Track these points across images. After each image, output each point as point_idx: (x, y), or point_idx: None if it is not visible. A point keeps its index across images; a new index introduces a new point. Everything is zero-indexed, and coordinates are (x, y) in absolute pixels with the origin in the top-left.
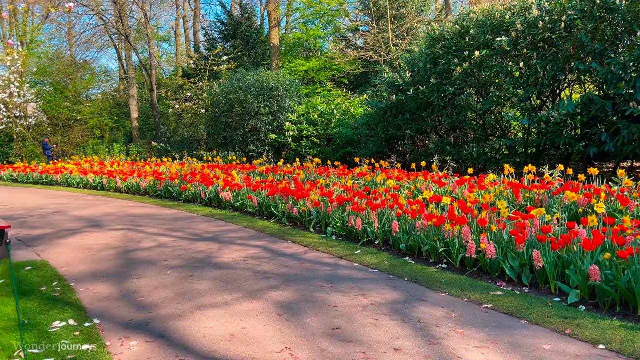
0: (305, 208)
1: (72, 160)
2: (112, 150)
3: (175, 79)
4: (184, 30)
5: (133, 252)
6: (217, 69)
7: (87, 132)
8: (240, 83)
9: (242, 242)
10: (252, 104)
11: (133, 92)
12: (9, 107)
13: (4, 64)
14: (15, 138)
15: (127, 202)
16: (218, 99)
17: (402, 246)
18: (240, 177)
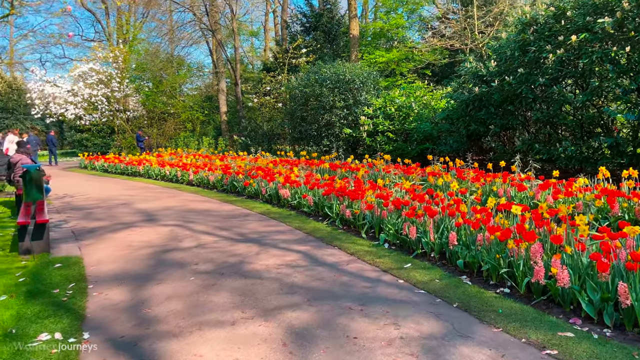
0: (359, 211)
1: (158, 151)
2: (201, 143)
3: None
4: (274, 25)
5: (169, 252)
6: (295, 62)
7: (179, 125)
8: (316, 76)
9: (285, 246)
10: (327, 98)
11: (222, 87)
12: (110, 101)
13: (106, 61)
14: (116, 130)
15: (193, 195)
16: (294, 93)
17: (459, 262)
18: (303, 173)
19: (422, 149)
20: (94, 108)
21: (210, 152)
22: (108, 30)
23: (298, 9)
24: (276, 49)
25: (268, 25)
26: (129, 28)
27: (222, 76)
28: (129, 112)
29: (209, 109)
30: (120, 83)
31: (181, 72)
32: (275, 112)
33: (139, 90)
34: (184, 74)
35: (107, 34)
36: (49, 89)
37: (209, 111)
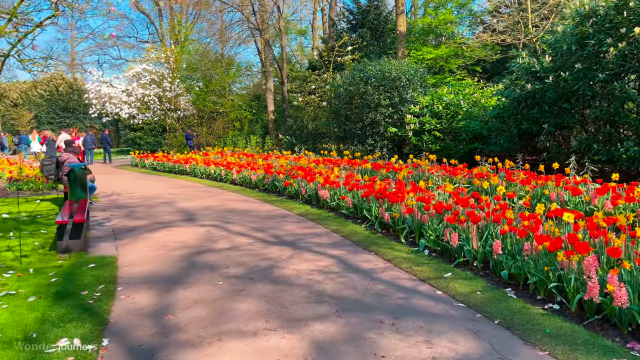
0: (398, 214)
1: (206, 150)
2: (249, 141)
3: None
4: (322, 23)
5: (202, 254)
6: (340, 60)
7: (228, 124)
8: (361, 74)
9: (319, 250)
10: (371, 96)
11: (270, 86)
12: (162, 100)
13: (159, 61)
14: (167, 129)
15: (235, 195)
16: (339, 91)
17: (504, 273)
18: (344, 173)
19: (470, 149)
20: (146, 107)
21: (256, 151)
22: (161, 32)
23: (345, 6)
24: (322, 47)
25: (316, 23)
26: (180, 29)
27: (269, 75)
28: (180, 111)
29: (257, 108)
30: (171, 83)
31: (230, 71)
32: (320, 111)
33: (190, 90)
34: (233, 73)
35: (160, 35)
36: (105, 89)
37: (257, 110)
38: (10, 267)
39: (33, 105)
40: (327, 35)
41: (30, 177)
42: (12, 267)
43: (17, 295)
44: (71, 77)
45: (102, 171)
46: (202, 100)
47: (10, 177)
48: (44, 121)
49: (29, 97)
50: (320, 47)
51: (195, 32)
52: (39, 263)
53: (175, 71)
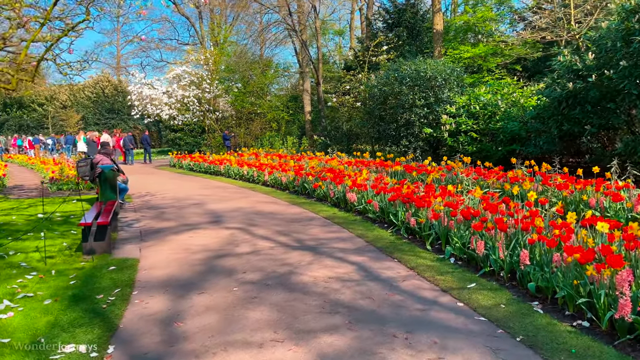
0: (424, 219)
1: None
2: (285, 142)
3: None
4: (360, 23)
5: (222, 258)
6: (375, 60)
7: (265, 125)
8: (396, 73)
9: (340, 256)
10: (406, 96)
11: (307, 86)
12: (201, 101)
13: (198, 63)
14: (207, 130)
15: (265, 196)
16: (373, 91)
17: (531, 285)
18: (374, 176)
19: (508, 151)
20: (186, 109)
21: (291, 152)
22: (201, 34)
23: (381, 5)
24: (357, 47)
25: (354, 23)
26: (219, 31)
27: (306, 76)
28: (218, 112)
29: (294, 109)
30: (210, 84)
31: (268, 72)
32: (354, 112)
33: (228, 91)
34: (271, 74)
35: (200, 38)
36: (147, 91)
37: (294, 111)
38: (35, 268)
39: (81, 107)
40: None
41: (71, 177)
42: (36, 269)
43: (34, 298)
44: (116, 79)
45: (140, 171)
46: (240, 102)
47: (52, 177)
48: (90, 122)
49: (77, 99)
50: (355, 47)
51: (234, 34)
52: (62, 264)
53: (214, 73)
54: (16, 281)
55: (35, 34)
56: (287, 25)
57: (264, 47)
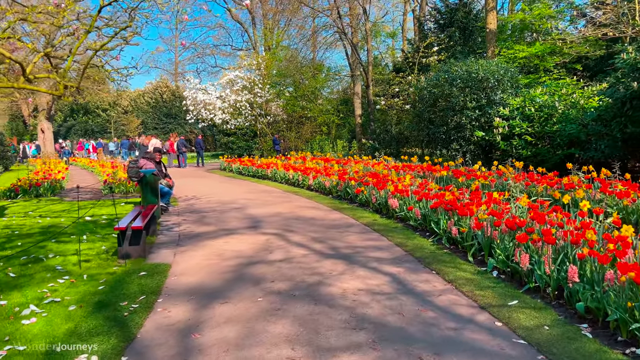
0: (466, 229)
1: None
2: (335, 146)
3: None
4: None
5: (253, 266)
6: (425, 61)
7: (315, 129)
8: (446, 75)
9: (375, 266)
10: (456, 98)
11: (358, 90)
12: (253, 106)
13: (250, 68)
14: (258, 134)
15: (307, 201)
16: (422, 94)
17: (579, 306)
18: (418, 181)
19: (566, 155)
20: (238, 113)
21: (338, 156)
22: (254, 39)
23: (432, 5)
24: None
25: (406, 25)
26: (271, 36)
27: (357, 79)
28: (270, 117)
29: (345, 112)
30: (262, 89)
31: (319, 76)
32: (404, 115)
33: (280, 95)
34: (322, 78)
35: (253, 43)
36: (201, 96)
37: (345, 114)
38: (69, 272)
39: (140, 112)
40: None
41: (122, 180)
42: (70, 272)
43: (61, 303)
44: (174, 85)
45: (192, 175)
46: (291, 106)
47: (105, 180)
48: (149, 127)
49: (138, 104)
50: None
51: (286, 38)
52: (96, 269)
53: (266, 77)
54: (47, 285)
55: (80, 42)
56: (338, 29)
57: (315, 51)
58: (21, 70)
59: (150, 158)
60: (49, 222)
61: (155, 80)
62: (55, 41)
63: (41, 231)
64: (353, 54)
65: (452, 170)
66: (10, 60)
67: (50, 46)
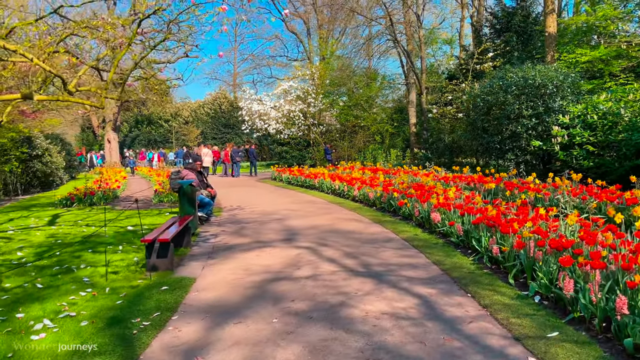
0: (507, 248)
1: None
2: (388, 155)
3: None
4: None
5: (277, 282)
6: (480, 68)
7: (368, 138)
8: (501, 81)
9: (405, 286)
10: (511, 105)
11: (412, 98)
12: (306, 115)
13: (304, 78)
14: (311, 143)
15: (349, 213)
16: (476, 101)
17: (627, 342)
18: (466, 193)
19: (632, 167)
20: (292, 123)
21: (389, 166)
22: (309, 49)
23: (488, 9)
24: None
25: (463, 31)
26: (325, 45)
27: (412, 87)
28: (323, 126)
29: (399, 121)
30: (315, 98)
31: (373, 85)
32: (457, 123)
33: (333, 105)
34: (376, 87)
35: (307, 53)
36: (256, 107)
37: (399, 123)
38: (94, 284)
39: (200, 122)
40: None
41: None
42: (95, 285)
43: (75, 318)
44: (232, 96)
45: (242, 184)
46: (344, 115)
47: (156, 189)
48: (208, 136)
49: (198, 115)
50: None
51: (341, 47)
52: (121, 282)
53: (319, 87)
54: (69, 298)
55: (121, 54)
56: (390, 36)
57: (370, 59)
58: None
59: (191, 168)
60: (92, 231)
61: (214, 92)
62: (100, 54)
63: (82, 240)
64: (407, 61)
65: (504, 182)
66: (50, 73)
67: (95, 60)
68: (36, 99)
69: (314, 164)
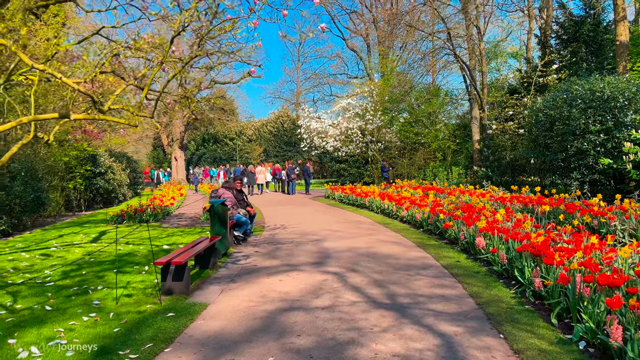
0: (550, 282)
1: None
2: (450, 173)
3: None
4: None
5: (289, 312)
6: (543, 81)
7: (429, 155)
8: (565, 94)
9: (430, 323)
10: (576, 120)
11: (475, 114)
12: (364, 133)
13: (363, 95)
14: (370, 161)
15: (393, 235)
16: (537, 116)
17: None
18: (518, 215)
19: None
20: (350, 140)
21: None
22: (369, 66)
23: (555, 20)
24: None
25: (530, 44)
26: (385, 62)
27: (474, 102)
28: (381, 143)
29: (462, 138)
30: (373, 115)
31: (434, 100)
32: (519, 140)
33: (393, 121)
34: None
35: (367, 70)
36: (314, 124)
37: (462, 140)
38: (102, 308)
39: (263, 140)
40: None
41: None
42: (103, 309)
43: (65, 346)
44: (295, 114)
45: (294, 202)
46: (404, 132)
47: (204, 207)
48: (271, 154)
49: (261, 133)
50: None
51: (401, 63)
52: (130, 306)
53: (378, 104)
54: (69, 323)
55: (154, 73)
56: (450, 51)
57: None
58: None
59: (229, 187)
60: (129, 249)
61: (277, 110)
62: (139, 73)
63: (115, 259)
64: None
65: (564, 203)
66: (79, 92)
67: (133, 78)
68: (72, 117)
69: (371, 181)
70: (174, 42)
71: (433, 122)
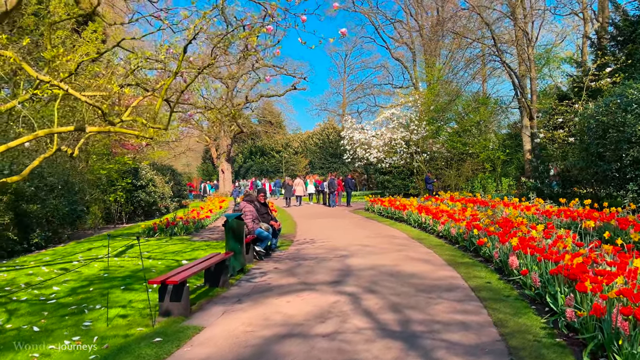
0: (584, 313)
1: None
2: (500, 184)
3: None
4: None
5: (285, 340)
6: (595, 85)
7: (477, 166)
8: (619, 99)
9: (439, 357)
10: (632, 127)
11: (526, 122)
12: (409, 143)
13: (407, 105)
14: (415, 172)
15: (425, 251)
16: (588, 123)
17: None
18: (559, 232)
19: None
20: (394, 152)
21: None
22: (414, 76)
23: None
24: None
25: (586, 48)
26: (430, 71)
27: (525, 111)
28: (426, 154)
29: (512, 147)
30: (418, 125)
31: (482, 109)
32: (569, 149)
33: (439, 132)
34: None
35: (413, 80)
36: (357, 135)
37: (512, 150)
38: (89, 330)
39: (309, 152)
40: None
41: None
42: (89, 331)
43: None
44: (340, 126)
45: (332, 215)
46: (451, 142)
47: None
48: (316, 166)
49: (306, 145)
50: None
51: (447, 72)
52: (120, 328)
53: (423, 114)
54: (47, 347)
55: (169, 82)
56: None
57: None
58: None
59: (250, 201)
60: (148, 264)
61: (323, 122)
62: (157, 85)
63: (128, 275)
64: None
65: (616, 218)
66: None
67: (151, 90)
68: (88, 130)
69: (417, 193)
70: (214, 54)
71: (482, 131)
